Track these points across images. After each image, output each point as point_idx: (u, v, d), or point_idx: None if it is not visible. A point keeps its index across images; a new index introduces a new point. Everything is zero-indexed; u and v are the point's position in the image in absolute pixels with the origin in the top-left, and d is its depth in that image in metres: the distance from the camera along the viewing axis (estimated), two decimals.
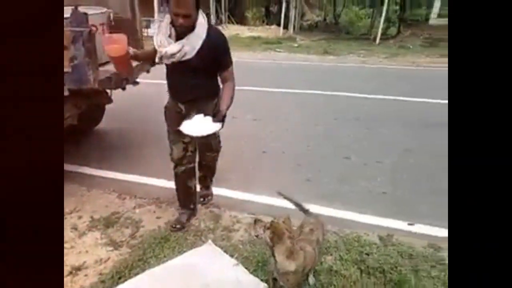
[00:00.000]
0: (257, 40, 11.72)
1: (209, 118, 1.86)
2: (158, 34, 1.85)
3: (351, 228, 2.30)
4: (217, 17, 14.01)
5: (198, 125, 1.85)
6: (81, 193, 2.71)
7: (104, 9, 2.83)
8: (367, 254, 2.03)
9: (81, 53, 2.09)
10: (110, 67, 2.83)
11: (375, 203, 2.59)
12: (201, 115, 1.88)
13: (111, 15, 2.88)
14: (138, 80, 3.14)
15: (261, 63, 8.28)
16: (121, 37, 1.98)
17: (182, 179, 2.24)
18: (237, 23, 14.46)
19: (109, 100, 2.99)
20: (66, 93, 2.17)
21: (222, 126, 1.90)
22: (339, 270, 1.91)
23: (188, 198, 2.34)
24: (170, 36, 1.82)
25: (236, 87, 2.04)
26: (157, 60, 1.90)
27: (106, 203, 2.59)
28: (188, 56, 1.80)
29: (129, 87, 3.19)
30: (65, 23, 2.01)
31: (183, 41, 1.78)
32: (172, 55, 1.80)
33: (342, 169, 3.09)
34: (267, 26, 14.45)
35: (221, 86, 2.04)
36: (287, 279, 1.50)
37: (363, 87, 5.68)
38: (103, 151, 3.45)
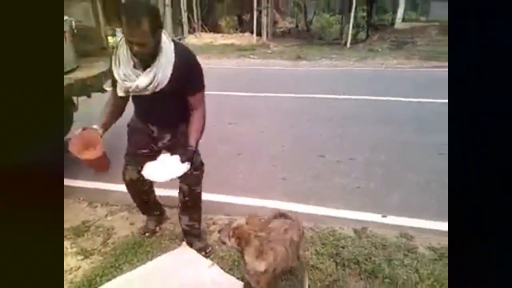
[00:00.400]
0: (230, 47, 11.78)
1: (176, 158, 1.61)
2: (119, 65, 1.58)
3: (326, 223, 2.33)
4: (190, 26, 14.00)
5: (162, 168, 1.61)
6: None
7: (66, 17, 2.76)
8: (342, 247, 2.06)
9: None
10: (76, 74, 2.76)
11: (349, 198, 2.64)
12: (167, 155, 1.65)
13: (73, 23, 2.81)
14: (105, 87, 3.08)
15: (235, 69, 8.33)
16: (93, 136, 1.65)
17: (137, 195, 2.07)
18: (211, 31, 14.49)
19: (74, 108, 2.89)
20: None
21: (192, 166, 1.65)
22: (315, 264, 1.92)
23: (147, 208, 2.20)
24: (134, 66, 1.56)
25: (213, 92, 1.95)
26: (122, 94, 1.64)
27: (76, 212, 2.49)
28: (161, 86, 1.56)
29: (96, 94, 3.11)
30: None
31: (153, 69, 1.53)
32: (145, 88, 1.56)
33: (317, 167, 3.14)
34: (241, 34, 14.57)
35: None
36: (257, 280, 1.45)
37: (335, 88, 5.82)
38: (71, 160, 3.32)
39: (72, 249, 2.09)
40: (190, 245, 2.05)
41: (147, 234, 2.18)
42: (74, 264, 1.97)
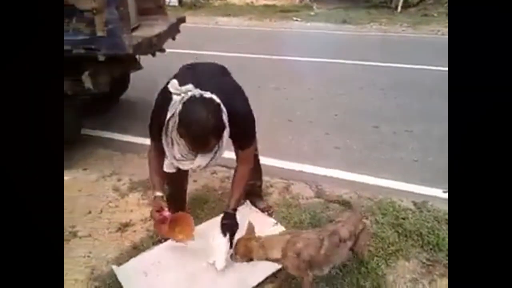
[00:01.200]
0: (272, 8, 11.33)
1: (220, 236, 1.57)
2: (172, 146, 1.45)
3: (383, 195, 2.32)
4: None
5: (218, 255, 1.61)
6: (116, 158, 2.79)
7: None
8: (403, 219, 2.06)
9: (115, 17, 2.04)
10: (140, 32, 2.80)
11: (407, 171, 2.59)
12: (213, 238, 1.61)
13: None
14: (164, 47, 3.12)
15: (278, 31, 8.07)
16: (186, 218, 1.68)
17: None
18: None
19: (140, 66, 2.98)
20: (101, 58, 2.16)
21: (231, 243, 1.57)
22: (376, 232, 1.95)
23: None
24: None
25: (258, 56, 1.84)
26: (172, 171, 1.56)
27: (142, 166, 2.64)
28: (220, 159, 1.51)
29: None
30: None
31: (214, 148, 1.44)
32: (205, 166, 1.50)
33: (371, 138, 3.08)
34: None
35: None
36: (285, 265, 1.49)
37: (386, 56, 5.52)
38: (131, 118, 3.49)
39: (143, 201, 2.27)
40: (253, 205, 2.14)
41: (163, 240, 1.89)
42: (148, 214, 2.12)
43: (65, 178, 2.50)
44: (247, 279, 1.62)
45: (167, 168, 1.54)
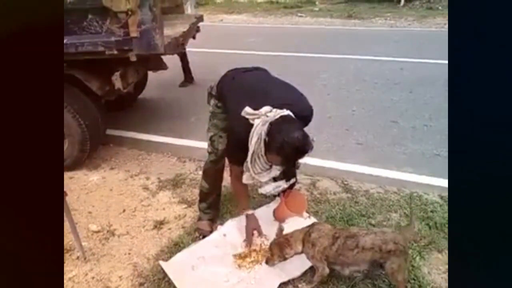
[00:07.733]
0: (275, 5, 11.32)
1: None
2: (254, 163, 1.51)
3: (409, 188, 2.36)
4: None
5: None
6: (142, 157, 2.82)
7: None
8: (432, 212, 2.11)
9: (148, 17, 2.06)
10: (166, 32, 2.82)
11: (429, 165, 2.63)
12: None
13: None
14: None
15: (284, 28, 8.08)
16: (299, 197, 2.01)
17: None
18: None
19: (165, 66, 3.00)
20: (133, 59, 2.18)
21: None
22: (406, 226, 1.99)
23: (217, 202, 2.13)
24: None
25: (269, 53, 1.96)
26: (250, 182, 1.70)
27: (168, 165, 2.70)
28: None
29: None
30: None
31: None
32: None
33: (392, 133, 3.11)
34: None
35: None
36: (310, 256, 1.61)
37: (397, 51, 5.54)
38: (151, 117, 3.53)
39: (174, 199, 2.31)
40: None
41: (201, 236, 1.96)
42: (180, 212, 2.18)
43: (95, 178, 2.55)
44: (288, 271, 1.67)
45: (246, 180, 1.65)
